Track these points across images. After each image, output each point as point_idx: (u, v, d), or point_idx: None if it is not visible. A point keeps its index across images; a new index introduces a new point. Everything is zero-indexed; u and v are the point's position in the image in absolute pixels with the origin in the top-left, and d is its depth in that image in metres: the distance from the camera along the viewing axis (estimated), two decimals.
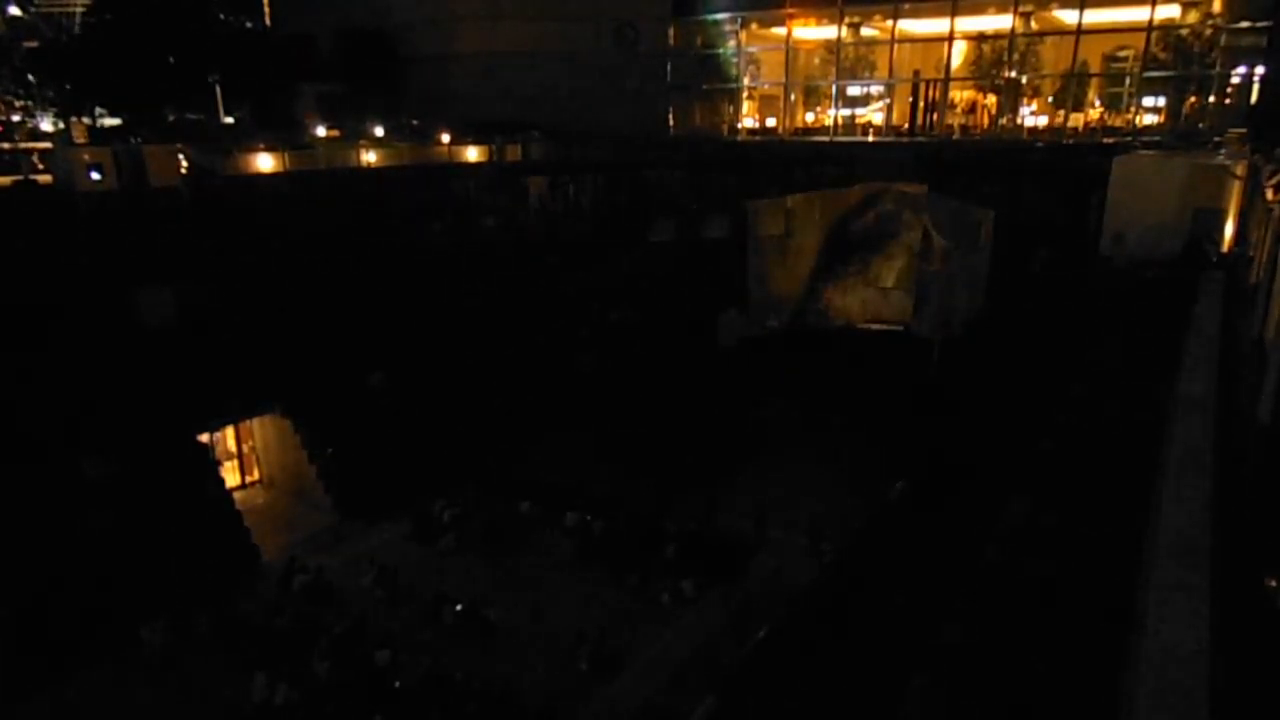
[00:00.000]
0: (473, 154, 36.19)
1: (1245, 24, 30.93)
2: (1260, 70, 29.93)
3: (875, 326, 29.01)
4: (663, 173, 37.85)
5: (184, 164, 26.05)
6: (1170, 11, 32.88)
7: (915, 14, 37.97)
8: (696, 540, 18.25)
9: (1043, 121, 37.08)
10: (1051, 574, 7.98)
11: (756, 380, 26.25)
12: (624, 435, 24.00)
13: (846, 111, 41.20)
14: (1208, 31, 32.53)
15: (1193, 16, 33.15)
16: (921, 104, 38.54)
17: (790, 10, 39.34)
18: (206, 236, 24.09)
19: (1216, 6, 32.23)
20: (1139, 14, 32.35)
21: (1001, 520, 9.11)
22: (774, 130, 42.44)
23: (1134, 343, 14.82)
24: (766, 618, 13.71)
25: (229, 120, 38.14)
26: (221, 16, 37.43)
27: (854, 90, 41.53)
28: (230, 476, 21.72)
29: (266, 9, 43.22)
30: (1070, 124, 35.46)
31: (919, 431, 19.73)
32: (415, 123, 37.74)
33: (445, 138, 35.72)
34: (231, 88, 36.90)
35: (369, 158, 32.10)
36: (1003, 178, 28.59)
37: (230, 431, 22.54)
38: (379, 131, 35.72)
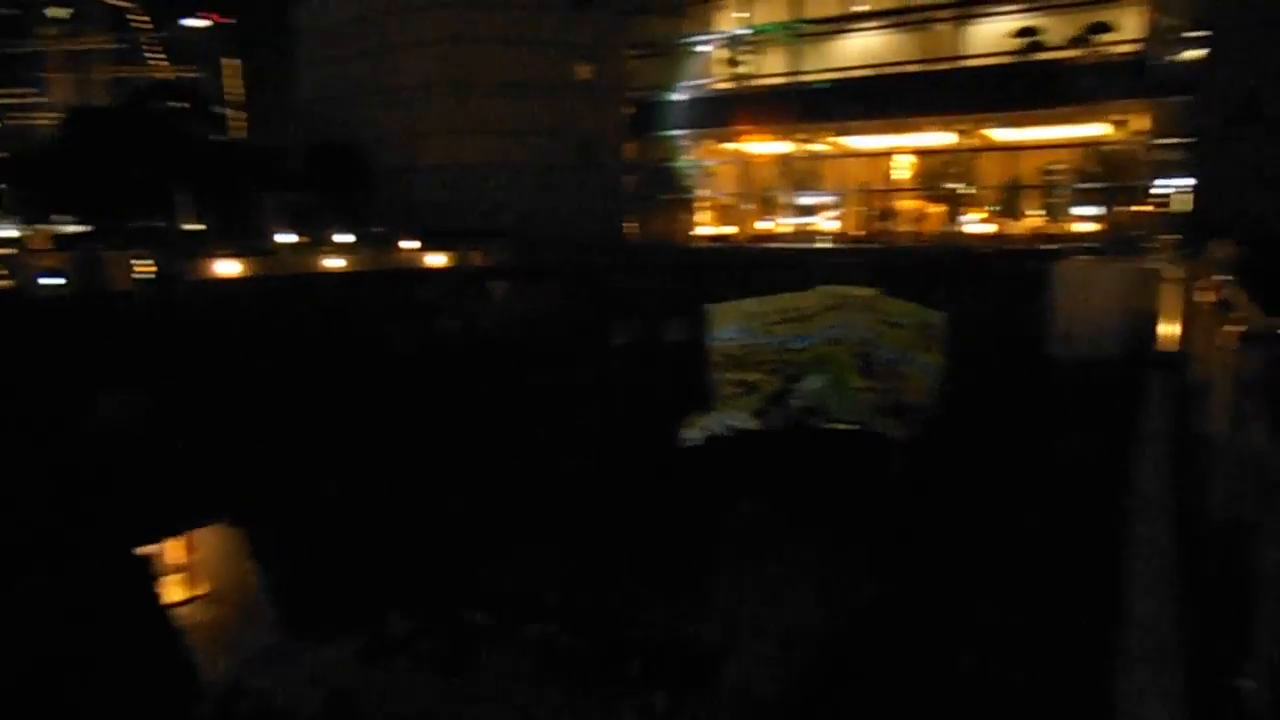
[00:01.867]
0: (437, 259, 36.46)
1: (1170, 140, 32.99)
2: (1187, 181, 31.73)
3: (839, 426, 29.10)
4: (624, 278, 38.41)
5: (143, 269, 25.84)
6: (1099, 130, 34.97)
7: (861, 131, 39.94)
8: (664, 652, 17.53)
9: (987, 229, 38.64)
10: (1026, 680, 7.72)
11: (723, 482, 25.95)
12: (589, 541, 23.35)
13: (800, 220, 42.59)
14: (1135, 147, 34.65)
15: (1120, 134, 35.34)
16: (870, 213, 40.06)
17: (742, 128, 41.11)
18: (162, 341, 23.66)
19: (1143, 124, 34.41)
20: (1070, 132, 34.38)
21: (972, 624, 8.86)
22: (731, 238, 43.62)
23: (1089, 440, 14.93)
24: None
25: (193, 228, 38.20)
26: (188, 131, 38.06)
27: (806, 200, 43.02)
28: (173, 591, 20.58)
29: (233, 123, 44.16)
30: (1013, 231, 37.01)
31: (886, 532, 19.45)
32: (382, 230, 38.18)
33: (411, 244, 36.06)
34: (197, 197, 37.14)
35: (334, 263, 32.22)
36: (951, 282, 29.38)
37: (176, 543, 21.50)
38: (345, 238, 36.00)
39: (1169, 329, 18.68)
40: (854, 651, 12.61)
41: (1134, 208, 34.78)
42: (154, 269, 25.44)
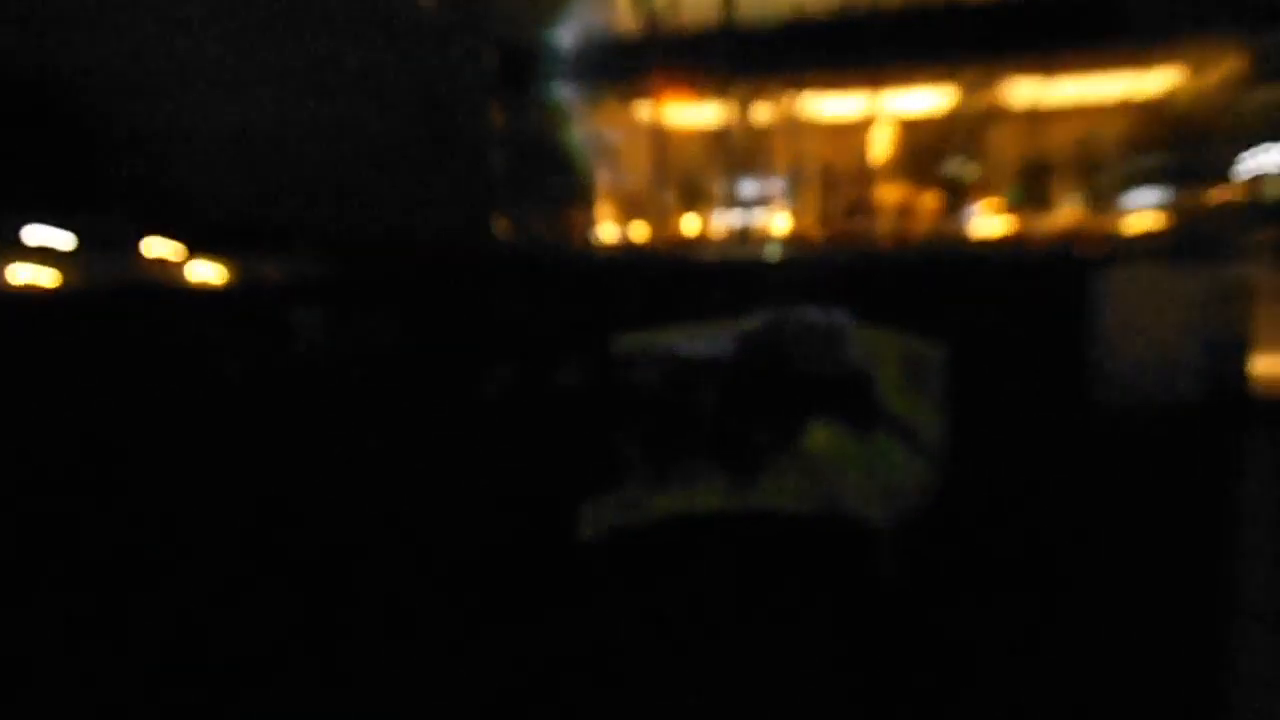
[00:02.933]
0: (206, 272, 34.97)
1: (1269, 95, 32.90)
2: None
3: (805, 510, 28.18)
4: (495, 297, 37.20)
5: None
6: (1164, 80, 34.75)
7: (822, 88, 39.82)
8: None
9: (1002, 226, 38.79)
10: None
11: (635, 595, 24.59)
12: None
13: (740, 215, 42.42)
14: (1218, 105, 34.47)
15: (1196, 85, 35.05)
16: (838, 206, 40.07)
17: (658, 85, 40.64)
18: None
19: (1229, 71, 34.15)
20: (1122, 85, 34.25)
21: None
22: (643, 241, 43.24)
23: (1158, 536, 14.21)
24: None
25: None
26: None
27: (748, 188, 43.00)
28: None
29: None
30: (1039, 228, 37.12)
31: (875, 659, 18.32)
32: (115, 223, 36.23)
33: (164, 247, 34.41)
34: None
35: (21, 277, 30.03)
36: (951, 301, 29.09)
37: None
38: (53, 237, 33.92)
39: (1270, 364, 18.76)
40: None
41: (1214, 191, 34.89)
42: None
